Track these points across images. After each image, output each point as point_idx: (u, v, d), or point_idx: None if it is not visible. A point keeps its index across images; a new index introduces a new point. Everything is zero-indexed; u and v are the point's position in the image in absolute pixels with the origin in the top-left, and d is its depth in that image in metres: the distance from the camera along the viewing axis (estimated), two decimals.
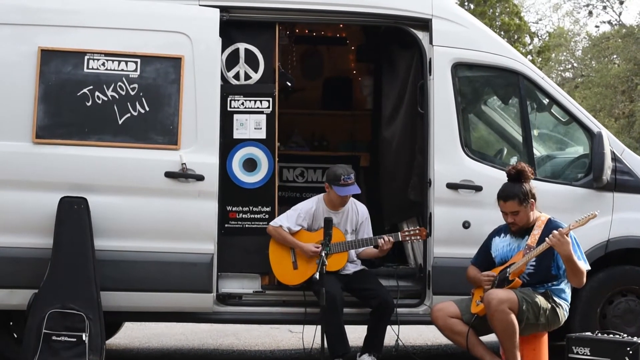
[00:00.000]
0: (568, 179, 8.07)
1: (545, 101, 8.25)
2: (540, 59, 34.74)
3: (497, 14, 33.36)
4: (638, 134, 30.16)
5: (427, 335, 10.02)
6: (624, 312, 7.85)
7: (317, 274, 6.72)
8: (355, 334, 8.07)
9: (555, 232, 6.56)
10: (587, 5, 36.38)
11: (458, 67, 7.90)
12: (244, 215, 7.79)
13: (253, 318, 7.92)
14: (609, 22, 35.37)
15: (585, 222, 6.57)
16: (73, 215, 7.22)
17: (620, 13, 40.94)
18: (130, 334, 10.12)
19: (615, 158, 7.90)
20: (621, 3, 34.24)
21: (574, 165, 8.28)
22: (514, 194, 6.91)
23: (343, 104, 10.93)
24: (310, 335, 7.50)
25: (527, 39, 36.21)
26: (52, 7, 7.54)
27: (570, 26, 40.52)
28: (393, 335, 7.72)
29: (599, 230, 7.70)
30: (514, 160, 8.19)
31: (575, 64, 38.76)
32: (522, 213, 6.92)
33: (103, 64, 7.48)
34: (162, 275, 7.39)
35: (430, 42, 7.85)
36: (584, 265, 6.74)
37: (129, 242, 7.38)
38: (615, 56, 34.09)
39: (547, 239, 6.60)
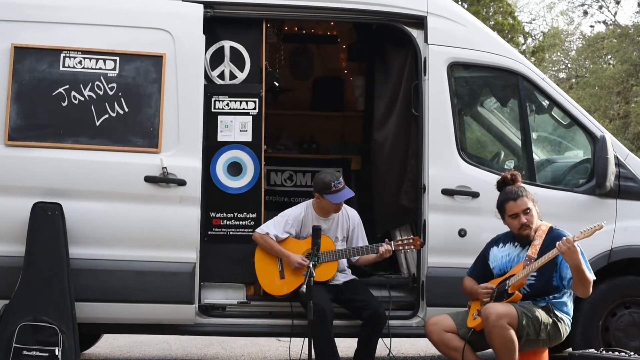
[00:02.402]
0: (569, 185, 7.87)
1: (546, 103, 8.06)
2: (533, 59, 34.62)
3: (490, 13, 33.20)
4: (633, 135, 30.13)
5: (419, 345, 9.80)
6: (627, 325, 7.61)
7: (304, 286, 6.44)
8: (345, 344, 7.90)
9: (564, 239, 6.32)
10: (582, 5, 36.32)
11: (454, 67, 7.69)
12: (228, 222, 7.55)
13: (237, 330, 7.69)
14: (604, 22, 35.31)
15: (591, 234, 6.32)
16: (47, 221, 6.99)
17: (615, 13, 40.89)
18: (112, 343, 9.92)
19: (618, 163, 7.69)
20: (617, 3, 34.15)
21: (575, 171, 8.07)
22: (522, 192, 6.76)
23: (333, 104, 10.75)
24: (298, 345, 7.27)
25: (521, 39, 36.09)
26: (26, 2, 7.32)
27: (564, 26, 40.51)
28: (385, 348, 7.49)
29: (602, 240, 7.43)
30: (512, 165, 8.06)
31: (569, 65, 38.68)
32: (533, 211, 6.73)
33: (80, 62, 7.27)
34: (141, 285, 7.17)
35: (425, 40, 7.63)
36: (591, 275, 6.49)
37: (106, 250, 7.15)
38: (609, 57, 34.01)
39: (557, 243, 6.34)
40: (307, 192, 9.18)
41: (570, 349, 7.51)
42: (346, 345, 7.91)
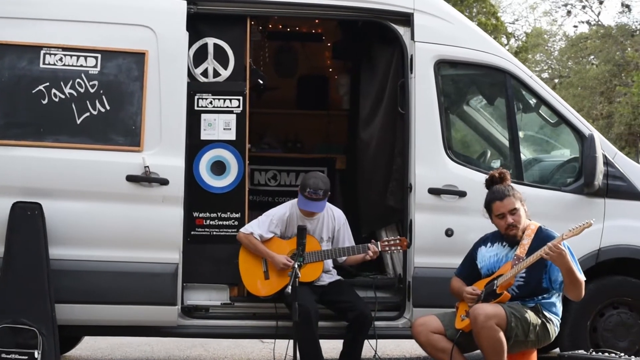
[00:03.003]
0: (557, 184, 7.79)
1: (533, 101, 8.00)
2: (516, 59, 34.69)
3: (473, 14, 33.25)
4: (616, 135, 30.21)
5: (404, 347, 9.71)
6: (615, 325, 7.55)
7: (289, 287, 6.39)
8: (330, 345, 7.83)
9: (550, 245, 6.21)
10: (566, 5, 36.38)
11: (441, 65, 7.61)
12: (211, 222, 7.45)
13: (221, 332, 7.59)
14: (588, 22, 35.38)
15: (580, 232, 6.23)
16: (26, 221, 6.88)
17: (599, 13, 41.04)
18: (93, 345, 9.79)
19: (607, 162, 7.63)
20: (600, 3, 34.20)
21: (563, 170, 8.01)
22: (509, 191, 6.67)
23: (318, 103, 10.71)
24: (282, 347, 7.24)
25: (504, 40, 36.16)
26: None
27: (547, 26, 40.59)
28: (370, 349, 7.41)
29: (590, 239, 7.35)
30: (499, 164, 7.97)
31: (552, 65, 38.76)
32: (520, 211, 6.64)
33: (60, 59, 7.16)
34: (123, 287, 7.06)
35: (412, 37, 7.55)
36: (581, 276, 6.40)
37: (87, 250, 7.03)
38: (593, 57, 34.09)
39: (542, 253, 6.25)
40: (291, 191, 9.11)
41: (557, 350, 7.45)
42: (331, 347, 7.83)
